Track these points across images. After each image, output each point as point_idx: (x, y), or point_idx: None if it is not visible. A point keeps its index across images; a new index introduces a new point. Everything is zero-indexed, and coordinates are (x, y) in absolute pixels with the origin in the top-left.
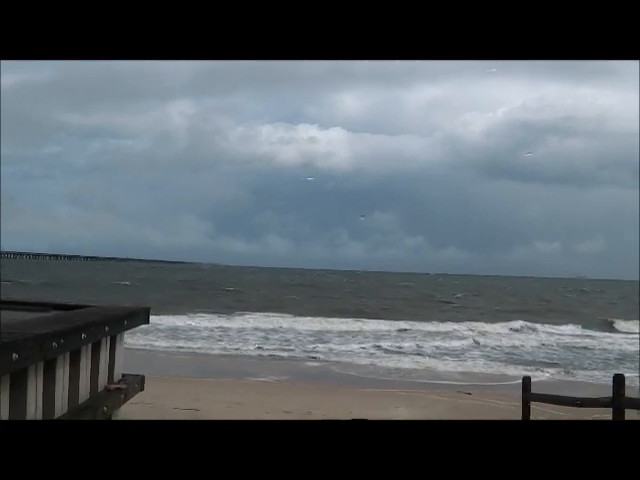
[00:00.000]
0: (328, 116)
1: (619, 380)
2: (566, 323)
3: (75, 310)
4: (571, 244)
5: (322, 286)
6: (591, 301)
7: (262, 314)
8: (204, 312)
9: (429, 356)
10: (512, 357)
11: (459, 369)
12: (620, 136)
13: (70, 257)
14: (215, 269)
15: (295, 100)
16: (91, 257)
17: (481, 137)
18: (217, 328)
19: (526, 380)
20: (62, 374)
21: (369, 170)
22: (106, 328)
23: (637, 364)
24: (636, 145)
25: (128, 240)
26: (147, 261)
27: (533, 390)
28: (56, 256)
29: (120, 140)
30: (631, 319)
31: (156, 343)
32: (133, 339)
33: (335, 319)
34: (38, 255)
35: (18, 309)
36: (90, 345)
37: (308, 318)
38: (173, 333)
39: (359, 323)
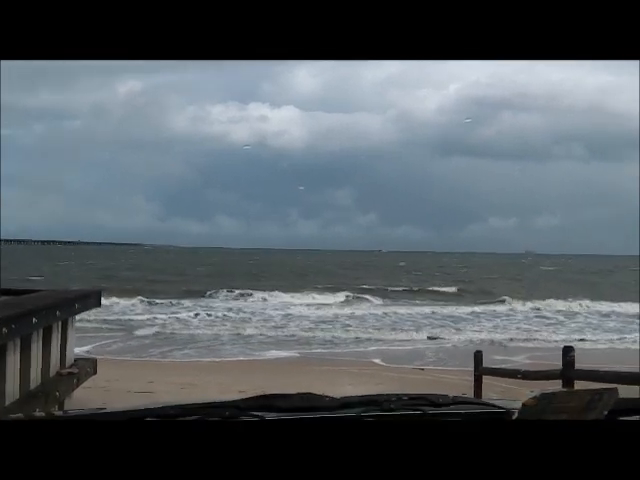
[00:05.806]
0: (281, 94)
1: (568, 351)
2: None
3: (25, 295)
4: (526, 219)
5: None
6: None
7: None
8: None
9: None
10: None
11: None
12: (572, 111)
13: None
14: (157, 250)
15: (247, 77)
16: (43, 241)
17: (435, 114)
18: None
19: (478, 354)
20: (13, 360)
21: (323, 148)
22: (57, 312)
23: None
24: (588, 120)
25: (78, 222)
26: (97, 244)
27: None
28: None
29: (66, 121)
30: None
31: None
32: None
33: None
34: None
35: None
36: (41, 330)
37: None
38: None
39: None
